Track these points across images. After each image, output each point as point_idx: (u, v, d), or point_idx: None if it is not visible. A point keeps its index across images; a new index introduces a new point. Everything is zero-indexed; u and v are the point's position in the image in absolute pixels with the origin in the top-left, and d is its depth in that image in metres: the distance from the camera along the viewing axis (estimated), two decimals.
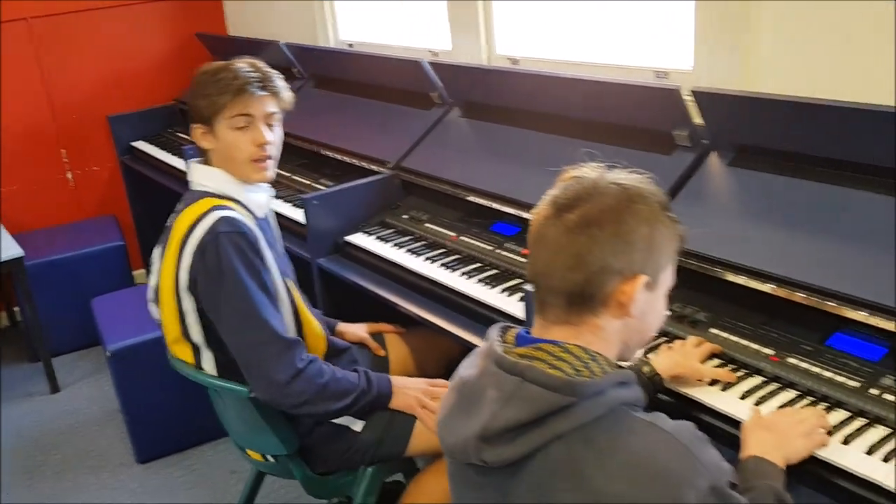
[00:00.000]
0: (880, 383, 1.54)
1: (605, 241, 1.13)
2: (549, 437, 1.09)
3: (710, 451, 1.12)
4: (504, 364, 1.14)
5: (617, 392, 1.12)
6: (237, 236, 1.82)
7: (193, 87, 1.94)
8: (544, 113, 2.49)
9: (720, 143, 2.05)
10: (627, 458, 1.06)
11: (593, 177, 1.21)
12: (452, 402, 1.23)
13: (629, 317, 1.17)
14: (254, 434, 1.98)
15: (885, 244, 1.63)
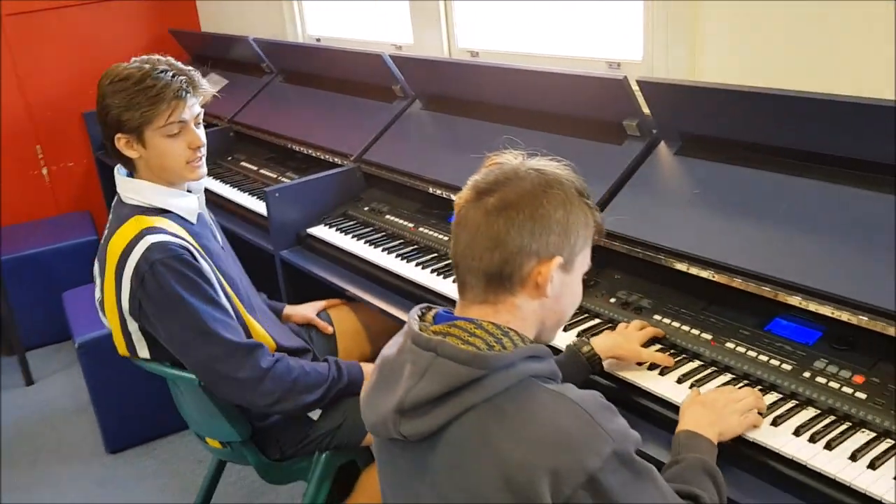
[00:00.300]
0: (813, 366, 1.58)
1: (523, 223, 1.17)
2: (462, 408, 1.12)
3: (615, 419, 1.16)
4: (419, 341, 1.18)
5: (527, 365, 1.16)
6: (172, 260, 1.80)
7: (112, 98, 1.85)
8: (502, 105, 2.52)
9: (668, 132, 2.08)
10: (533, 425, 1.10)
11: (514, 163, 1.25)
12: (374, 380, 1.26)
13: (545, 297, 1.22)
14: (209, 422, 2.01)
15: (822, 230, 1.67)
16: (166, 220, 1.89)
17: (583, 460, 1.08)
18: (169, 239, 1.83)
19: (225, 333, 1.84)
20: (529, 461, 1.08)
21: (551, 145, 2.28)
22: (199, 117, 1.95)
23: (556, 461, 1.07)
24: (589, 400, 1.15)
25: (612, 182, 2.08)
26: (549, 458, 1.08)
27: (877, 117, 1.59)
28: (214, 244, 2.02)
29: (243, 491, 2.79)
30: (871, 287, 1.53)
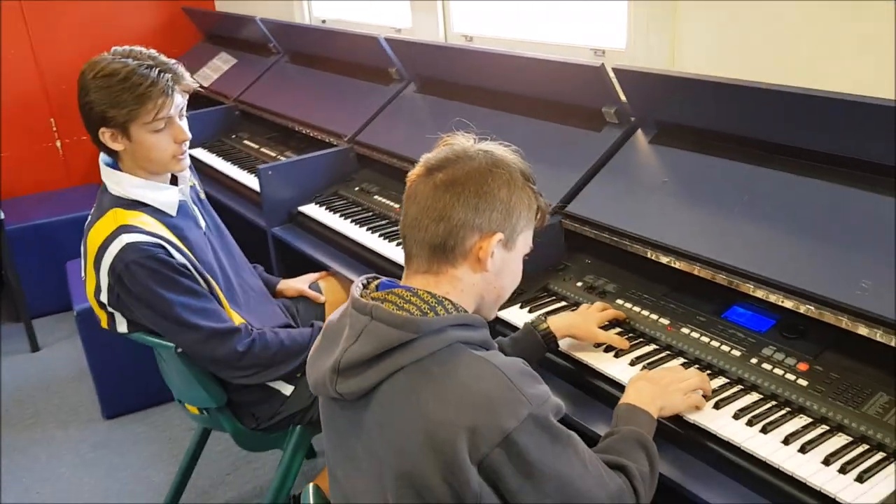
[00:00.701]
0: (761, 353, 1.62)
1: (467, 198, 1.25)
2: (392, 369, 1.19)
3: (536, 385, 1.21)
4: (358, 305, 1.25)
5: (456, 331, 1.22)
6: (146, 260, 1.84)
7: (97, 93, 1.86)
8: (490, 89, 2.56)
9: (644, 120, 2.11)
10: (456, 386, 1.16)
11: (465, 144, 1.33)
12: (318, 343, 1.33)
13: (485, 271, 1.29)
14: (187, 389, 2.08)
15: (782, 220, 1.70)
16: (143, 216, 1.92)
17: (500, 421, 1.13)
18: (143, 238, 1.87)
19: (201, 321, 1.91)
20: (450, 420, 1.13)
21: (534, 130, 2.36)
22: (183, 109, 1.99)
23: (474, 420, 1.13)
24: (511, 366, 1.21)
25: (588, 168, 2.12)
26: (468, 417, 1.13)
27: (844, 112, 1.61)
28: (196, 232, 2.05)
29: (230, 459, 2.87)
30: (822, 278, 1.56)
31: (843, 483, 1.30)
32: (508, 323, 1.91)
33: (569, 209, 2.07)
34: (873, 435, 1.38)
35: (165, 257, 1.88)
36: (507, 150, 1.35)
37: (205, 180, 3.36)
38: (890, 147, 1.58)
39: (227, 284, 2.08)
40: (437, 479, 1.14)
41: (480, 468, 1.14)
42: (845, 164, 1.68)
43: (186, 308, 1.91)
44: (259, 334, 2.01)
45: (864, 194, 1.63)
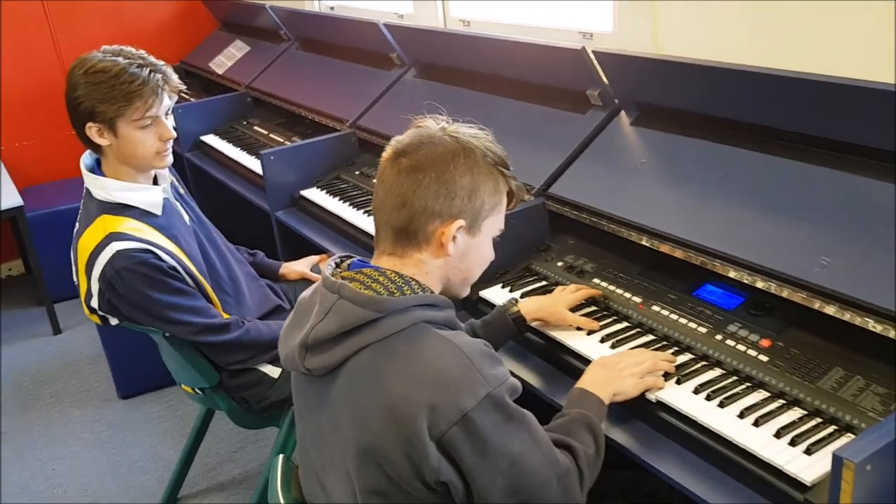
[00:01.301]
0: (726, 330, 1.65)
1: (428, 185, 1.27)
2: (358, 346, 1.22)
3: (496, 367, 1.24)
4: (327, 283, 1.28)
5: (422, 311, 1.25)
6: (137, 266, 1.90)
7: (87, 89, 1.91)
8: (485, 73, 2.59)
9: (627, 102, 2.13)
10: (418, 364, 1.20)
11: (434, 128, 1.34)
12: (290, 319, 1.37)
13: (448, 255, 1.31)
14: (181, 369, 2.15)
15: (755, 200, 1.72)
16: (130, 220, 1.97)
17: (458, 399, 1.17)
18: (133, 245, 1.91)
19: (193, 318, 1.99)
20: (411, 397, 1.17)
21: (523, 113, 2.40)
22: (170, 109, 2.04)
23: (434, 398, 1.16)
24: (472, 346, 1.24)
25: (572, 150, 2.15)
26: (428, 394, 1.17)
27: (816, 92, 1.63)
28: (182, 228, 2.09)
29: (237, 437, 2.95)
30: (785, 255, 1.59)
31: (792, 455, 1.33)
32: (490, 302, 1.95)
33: (552, 191, 2.11)
34: (826, 409, 1.40)
35: (155, 261, 1.93)
36: (477, 133, 1.35)
37: (214, 165, 3.46)
38: (857, 126, 1.59)
39: (215, 275, 2.14)
40: (398, 454, 1.18)
41: (439, 444, 1.18)
42: (815, 143, 1.70)
43: (178, 308, 1.97)
44: (252, 324, 2.09)
45: (831, 172, 1.65)
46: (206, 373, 2.08)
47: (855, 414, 1.37)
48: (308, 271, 2.56)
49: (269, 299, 2.30)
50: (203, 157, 3.61)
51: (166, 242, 1.99)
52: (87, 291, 1.99)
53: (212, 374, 2.09)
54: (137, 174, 2.04)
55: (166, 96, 1.99)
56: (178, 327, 1.99)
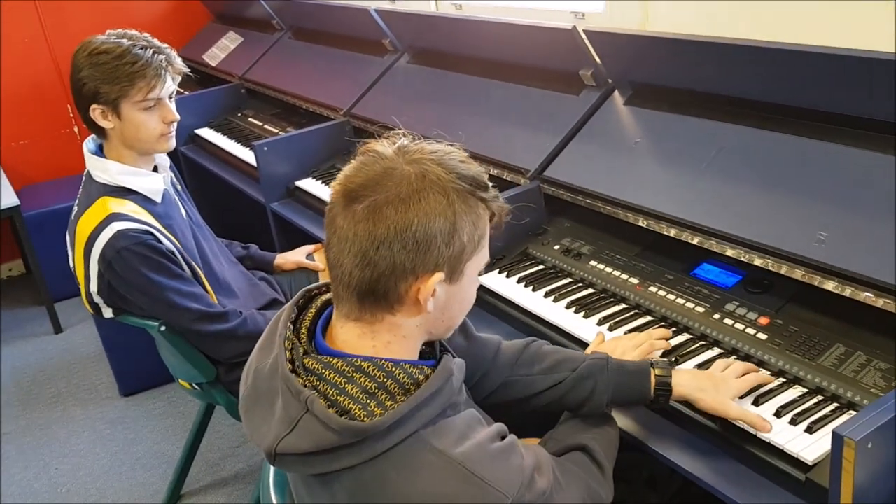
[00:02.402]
0: (724, 309, 1.62)
1: (393, 240, 1.01)
2: (337, 467, 1.03)
3: (508, 462, 1.07)
4: (290, 387, 1.05)
5: (414, 419, 1.03)
6: (137, 246, 1.88)
7: (91, 70, 1.91)
8: (478, 57, 2.56)
9: (620, 82, 2.10)
10: (416, 494, 1.02)
11: (389, 155, 1.06)
12: (248, 392, 1.15)
13: (427, 313, 1.08)
14: (179, 365, 2.14)
15: (751, 176, 1.69)
16: (131, 204, 1.97)
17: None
18: (133, 226, 1.91)
19: (191, 304, 1.97)
20: None
21: (517, 96, 2.37)
22: (174, 92, 2.04)
23: None
24: (479, 455, 1.05)
25: (566, 132, 2.12)
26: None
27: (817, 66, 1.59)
28: (179, 220, 2.09)
29: (239, 432, 2.93)
30: (782, 231, 1.56)
31: (792, 434, 1.30)
32: (488, 289, 1.92)
33: (547, 174, 2.08)
34: (828, 386, 1.38)
35: (155, 243, 1.92)
36: (443, 156, 1.07)
37: (209, 158, 3.44)
38: (854, 98, 1.56)
39: (210, 270, 2.13)
40: None
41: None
42: (811, 116, 1.67)
43: (177, 292, 1.96)
44: (250, 314, 2.06)
45: (828, 146, 1.62)
46: (204, 367, 2.06)
47: (857, 391, 1.34)
48: (304, 259, 2.55)
49: (264, 294, 2.28)
50: (198, 151, 3.58)
51: (163, 230, 1.98)
52: (85, 275, 1.98)
53: (209, 369, 2.07)
54: (140, 159, 2.04)
55: (169, 78, 1.99)
56: (177, 313, 1.96)
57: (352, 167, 1.07)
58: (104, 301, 2.03)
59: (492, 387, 1.44)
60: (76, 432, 3.09)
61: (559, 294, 1.82)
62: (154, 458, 2.88)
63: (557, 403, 1.42)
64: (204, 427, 2.63)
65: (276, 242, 2.90)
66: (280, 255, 2.57)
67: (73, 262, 2.04)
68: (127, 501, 2.69)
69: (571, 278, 1.88)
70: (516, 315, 1.84)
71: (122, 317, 2.05)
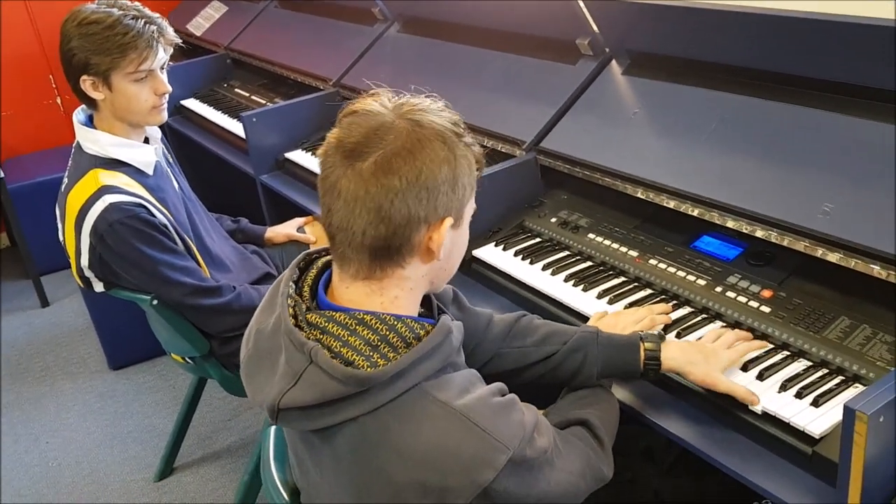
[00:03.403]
0: (726, 282, 1.61)
1: (407, 190, 1.03)
2: (340, 419, 1.04)
3: (510, 417, 1.08)
4: (294, 339, 1.06)
5: (415, 371, 1.05)
6: (129, 219, 1.85)
7: (81, 41, 1.87)
8: (471, 25, 2.52)
9: (618, 51, 2.07)
10: (418, 445, 1.02)
11: (379, 111, 1.07)
12: (250, 352, 1.16)
13: (437, 260, 1.11)
14: (171, 339, 2.11)
15: (752, 147, 1.67)
16: (123, 176, 1.93)
17: (474, 476, 1.02)
18: (126, 199, 1.88)
19: (184, 278, 1.95)
20: (417, 481, 1.02)
21: (513, 66, 2.34)
22: (166, 63, 2.00)
23: (445, 481, 1.02)
24: (479, 406, 1.06)
25: (563, 102, 2.09)
26: (438, 478, 1.02)
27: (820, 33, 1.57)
28: (171, 193, 2.06)
29: (231, 405, 2.92)
30: (786, 203, 1.55)
31: (798, 408, 1.29)
32: (484, 262, 1.90)
33: (543, 145, 2.05)
34: (833, 359, 1.37)
35: (148, 216, 1.90)
36: (429, 106, 1.10)
37: (196, 130, 3.38)
38: (858, 66, 1.54)
39: (202, 244, 2.10)
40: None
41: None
42: (812, 85, 1.65)
43: (170, 266, 1.93)
44: (243, 289, 2.04)
45: (832, 115, 1.60)
46: (197, 341, 2.03)
47: (862, 364, 1.33)
48: (295, 232, 2.52)
49: (256, 268, 2.26)
50: (184, 122, 3.53)
51: (156, 202, 1.95)
52: (76, 249, 1.94)
53: (202, 343, 2.05)
54: (131, 131, 2.01)
55: (161, 49, 1.95)
56: (170, 287, 1.94)
57: (342, 129, 1.07)
58: (95, 275, 2.00)
59: (484, 358, 1.44)
60: (66, 406, 3.07)
61: (557, 267, 1.80)
62: (145, 431, 2.86)
63: (549, 376, 1.42)
64: (196, 400, 2.61)
65: (266, 215, 2.86)
66: (271, 228, 2.54)
67: (62, 236, 2.00)
68: (119, 475, 2.67)
69: (569, 251, 1.86)
70: (513, 288, 1.82)
71: (113, 291, 2.02)
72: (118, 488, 2.62)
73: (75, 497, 2.61)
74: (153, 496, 2.56)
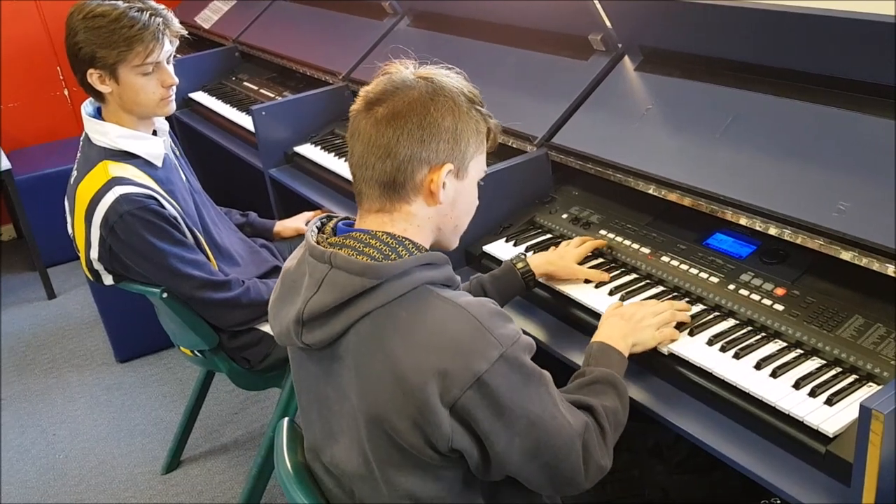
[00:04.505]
0: (739, 279, 1.60)
1: (411, 131, 1.19)
2: (358, 316, 1.16)
3: (506, 325, 1.19)
4: (315, 253, 1.21)
5: (421, 273, 1.18)
6: (140, 211, 1.86)
7: (87, 34, 1.87)
8: (482, 21, 2.51)
9: (631, 47, 2.07)
10: (424, 331, 1.14)
11: (403, 73, 1.26)
12: (278, 292, 1.30)
13: (439, 203, 1.24)
14: (180, 332, 2.11)
15: (767, 145, 1.67)
16: (133, 168, 1.93)
17: (470, 363, 1.12)
18: (136, 190, 1.88)
19: (194, 271, 1.95)
20: (420, 364, 1.12)
21: (524, 61, 2.33)
22: (172, 55, 1.99)
23: (444, 364, 1.11)
24: (480, 306, 1.18)
25: (574, 98, 2.09)
26: (438, 361, 1.12)
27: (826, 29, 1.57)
28: (180, 186, 2.06)
29: (238, 398, 2.92)
30: (800, 201, 1.54)
31: (812, 406, 1.29)
32: (494, 257, 1.90)
33: (555, 141, 2.05)
34: (846, 358, 1.36)
35: (158, 208, 1.90)
36: (449, 73, 1.29)
37: (204, 123, 3.38)
38: (875, 64, 1.53)
39: (210, 238, 2.10)
40: (407, 423, 1.14)
41: (452, 410, 1.13)
42: (828, 83, 1.64)
43: (180, 259, 1.93)
44: (252, 283, 2.04)
45: (847, 114, 1.59)
46: (206, 334, 2.03)
47: (876, 363, 1.33)
48: (304, 226, 2.52)
49: (265, 261, 2.26)
50: (192, 115, 3.52)
51: (166, 196, 1.95)
52: (86, 241, 1.94)
53: (211, 336, 2.05)
54: (139, 123, 2.01)
55: (167, 41, 1.94)
56: (180, 280, 1.94)
57: (371, 85, 1.26)
58: (105, 267, 2.00)
59: None
60: (73, 398, 3.07)
61: None
62: (152, 424, 2.87)
63: None
64: (204, 393, 2.62)
65: (275, 209, 2.86)
66: (279, 222, 2.54)
67: (72, 228, 2.00)
68: (126, 467, 2.67)
69: None
70: None
71: (123, 284, 2.02)
72: (125, 480, 2.62)
73: (82, 489, 2.61)
74: (160, 489, 2.57)
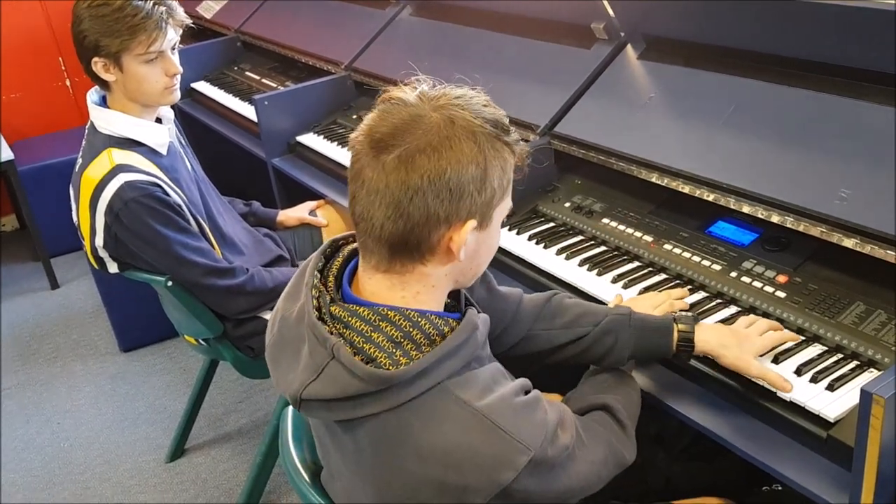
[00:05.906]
0: (741, 267, 1.61)
1: (428, 188, 1.00)
2: (362, 414, 1.03)
3: (533, 417, 1.07)
4: (317, 333, 1.04)
5: (439, 370, 1.03)
6: (145, 198, 1.86)
7: (91, 22, 1.88)
8: (486, 10, 2.52)
9: (633, 35, 2.07)
10: (439, 443, 1.02)
11: (414, 102, 1.04)
12: (275, 339, 1.16)
13: (458, 262, 1.08)
14: (184, 320, 2.12)
15: (769, 132, 1.67)
16: (137, 156, 1.94)
17: (494, 476, 1.01)
18: (141, 177, 1.89)
19: (199, 258, 1.96)
20: (436, 479, 1.02)
21: (526, 50, 2.33)
22: (176, 44, 2.00)
23: (465, 480, 1.01)
24: (502, 406, 1.05)
25: (577, 87, 2.09)
26: (457, 477, 1.01)
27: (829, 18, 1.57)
28: (185, 174, 2.06)
29: (243, 387, 2.94)
30: (802, 188, 1.54)
31: (814, 392, 1.30)
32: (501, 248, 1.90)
33: (557, 129, 2.05)
34: (848, 344, 1.37)
35: (163, 196, 1.91)
36: (468, 100, 1.06)
37: (206, 113, 3.39)
38: (877, 52, 1.53)
39: (215, 226, 2.11)
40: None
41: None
42: (830, 71, 1.64)
43: (184, 246, 1.94)
44: (256, 271, 2.05)
45: (850, 101, 1.59)
46: (211, 323, 2.04)
47: (878, 349, 1.34)
48: (307, 216, 2.53)
49: (269, 251, 2.27)
50: (194, 105, 3.53)
51: (170, 183, 1.96)
52: (90, 228, 1.95)
53: (216, 324, 2.05)
54: (143, 111, 2.01)
55: (171, 30, 1.95)
56: (185, 267, 1.95)
57: (375, 116, 1.05)
58: (109, 255, 2.01)
59: (513, 341, 1.43)
60: (77, 387, 3.09)
61: (571, 251, 1.80)
62: (156, 413, 2.88)
63: (578, 357, 1.41)
64: (208, 382, 2.63)
65: (278, 199, 2.86)
66: (283, 211, 2.55)
67: (76, 216, 2.01)
68: (130, 455, 2.69)
69: (583, 236, 1.86)
70: (528, 273, 1.82)
71: (127, 272, 2.03)
72: (129, 469, 2.64)
73: (87, 477, 2.63)
74: (164, 477, 2.58)
